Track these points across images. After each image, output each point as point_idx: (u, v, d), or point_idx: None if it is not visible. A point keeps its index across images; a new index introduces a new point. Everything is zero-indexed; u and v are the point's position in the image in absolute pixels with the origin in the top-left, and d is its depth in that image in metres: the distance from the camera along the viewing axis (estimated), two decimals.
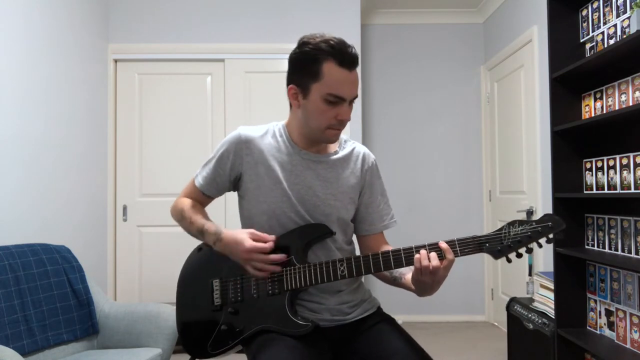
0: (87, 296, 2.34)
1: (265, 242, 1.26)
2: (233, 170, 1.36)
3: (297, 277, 1.27)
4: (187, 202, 1.42)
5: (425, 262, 1.15)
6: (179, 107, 3.58)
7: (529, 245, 1.17)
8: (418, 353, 1.25)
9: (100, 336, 2.36)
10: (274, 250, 1.28)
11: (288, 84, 1.30)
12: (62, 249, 2.39)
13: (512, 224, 1.17)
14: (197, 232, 1.36)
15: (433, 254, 1.16)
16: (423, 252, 1.17)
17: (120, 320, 2.36)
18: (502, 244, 1.16)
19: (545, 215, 1.17)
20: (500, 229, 1.17)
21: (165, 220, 3.34)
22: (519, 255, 1.18)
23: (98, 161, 3.36)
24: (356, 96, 1.28)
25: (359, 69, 1.30)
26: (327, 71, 1.21)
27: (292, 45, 1.29)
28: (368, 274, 1.27)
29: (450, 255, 1.16)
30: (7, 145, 2.39)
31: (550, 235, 1.15)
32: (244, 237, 1.25)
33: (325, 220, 1.33)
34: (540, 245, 1.16)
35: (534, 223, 1.15)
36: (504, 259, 1.18)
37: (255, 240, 1.25)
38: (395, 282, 1.36)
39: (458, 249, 1.17)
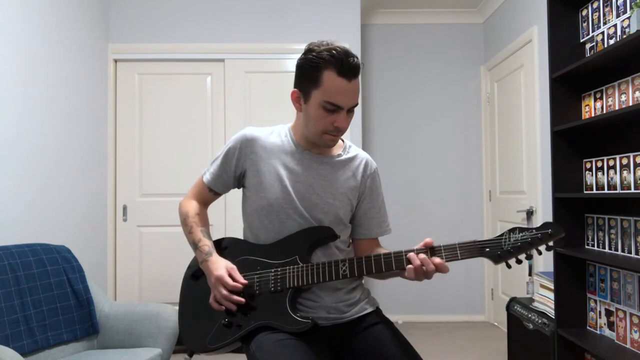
0: (87, 296, 2.34)
1: (238, 282, 1.31)
2: (238, 167, 1.41)
3: (300, 275, 1.30)
4: (192, 209, 1.47)
5: (417, 263, 1.20)
6: (179, 107, 3.58)
7: (529, 252, 1.19)
8: (413, 359, 1.28)
9: (100, 336, 2.36)
10: (272, 251, 1.35)
11: (294, 87, 1.35)
12: (62, 249, 2.39)
13: (512, 230, 1.20)
14: (192, 244, 1.43)
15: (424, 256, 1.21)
16: (422, 256, 1.21)
17: (120, 320, 2.36)
18: (502, 249, 1.19)
19: (546, 223, 1.19)
20: (501, 235, 1.20)
21: (165, 220, 3.45)
22: (519, 262, 1.20)
23: (98, 161, 3.36)
24: (355, 105, 1.31)
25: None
26: (326, 79, 1.25)
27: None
28: (369, 274, 1.30)
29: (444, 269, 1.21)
30: (7, 145, 2.39)
31: (551, 243, 1.18)
32: (222, 269, 1.32)
33: (323, 218, 1.36)
34: (540, 253, 1.19)
35: (533, 230, 1.18)
36: (503, 264, 1.20)
37: (230, 276, 1.31)
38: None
39: (459, 252, 1.20)
